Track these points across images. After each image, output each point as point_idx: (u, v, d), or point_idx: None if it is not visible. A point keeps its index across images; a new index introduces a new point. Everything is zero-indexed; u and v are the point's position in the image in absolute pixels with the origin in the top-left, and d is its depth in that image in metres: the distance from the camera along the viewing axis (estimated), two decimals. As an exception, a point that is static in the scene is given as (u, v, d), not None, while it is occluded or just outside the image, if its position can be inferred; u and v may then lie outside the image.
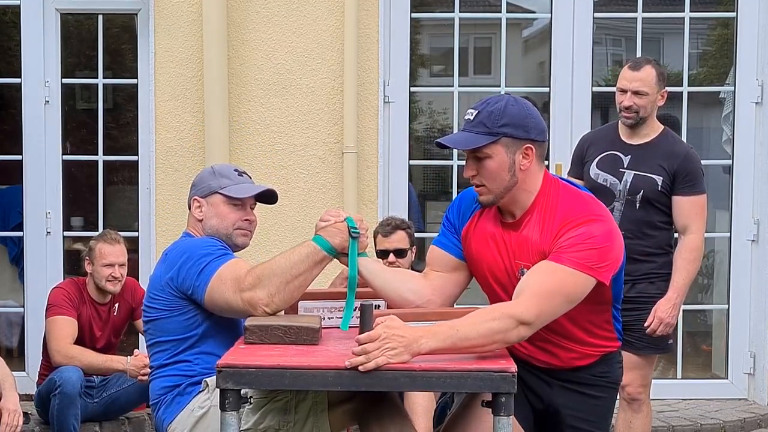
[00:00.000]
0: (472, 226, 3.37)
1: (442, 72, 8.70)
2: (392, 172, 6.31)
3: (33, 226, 6.33)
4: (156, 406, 3.58)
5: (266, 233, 6.12)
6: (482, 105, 3.20)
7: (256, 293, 3.28)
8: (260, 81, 6.15)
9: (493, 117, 3.16)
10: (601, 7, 6.53)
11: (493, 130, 3.15)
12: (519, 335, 3.01)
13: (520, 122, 3.17)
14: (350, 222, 3.41)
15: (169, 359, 3.54)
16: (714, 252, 6.90)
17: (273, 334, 3.13)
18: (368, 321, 2.93)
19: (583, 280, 3.10)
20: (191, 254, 3.49)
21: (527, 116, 3.18)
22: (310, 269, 3.34)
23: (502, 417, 2.84)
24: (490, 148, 3.17)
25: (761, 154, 6.30)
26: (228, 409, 2.87)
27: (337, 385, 2.87)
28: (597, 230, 3.14)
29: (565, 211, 3.20)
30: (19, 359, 6.59)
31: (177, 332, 3.51)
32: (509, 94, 3.28)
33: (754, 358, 6.38)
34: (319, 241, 3.38)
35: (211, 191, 3.69)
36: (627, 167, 4.77)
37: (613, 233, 3.20)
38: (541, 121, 3.24)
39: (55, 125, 6.30)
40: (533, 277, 3.10)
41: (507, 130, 3.16)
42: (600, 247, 3.13)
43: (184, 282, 3.46)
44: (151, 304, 3.58)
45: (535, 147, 3.20)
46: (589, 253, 3.10)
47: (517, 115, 3.17)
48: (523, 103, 3.22)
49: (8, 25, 7.19)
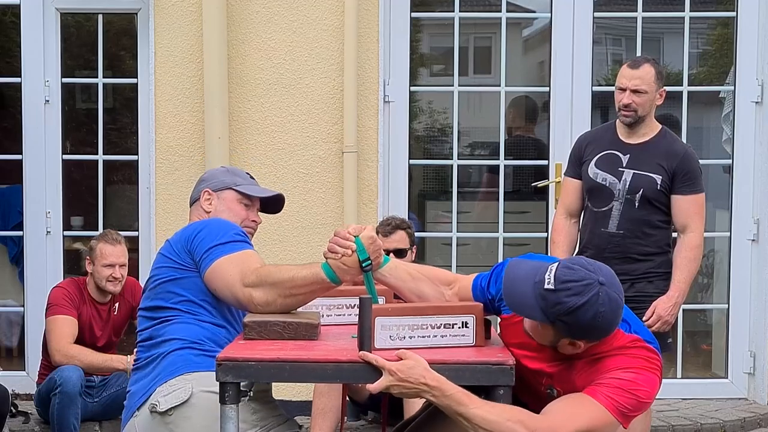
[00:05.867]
0: (513, 320, 3.10)
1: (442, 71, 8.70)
2: (392, 171, 6.31)
3: (33, 225, 6.33)
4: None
5: (266, 233, 6.12)
6: (563, 286, 2.82)
7: (255, 292, 3.26)
8: (260, 81, 6.16)
9: (559, 309, 2.82)
10: (601, 7, 6.52)
11: (550, 317, 2.85)
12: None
13: (580, 330, 2.86)
14: (361, 253, 3.16)
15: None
16: (714, 252, 6.90)
17: (272, 330, 3.14)
18: (367, 315, 2.93)
19: (611, 423, 2.90)
20: (214, 227, 3.47)
21: (593, 327, 2.84)
22: (313, 293, 3.28)
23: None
24: (541, 323, 2.92)
25: (761, 153, 6.30)
26: (228, 403, 2.88)
27: (336, 378, 2.88)
28: (644, 382, 2.92)
29: (619, 358, 2.95)
30: (19, 359, 6.60)
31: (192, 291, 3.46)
32: (601, 288, 2.81)
33: (754, 357, 6.38)
34: (328, 273, 3.22)
35: (225, 186, 3.71)
36: (626, 166, 4.78)
37: (656, 388, 2.97)
38: (611, 329, 2.90)
39: (55, 125, 6.30)
40: (561, 403, 2.92)
41: (562, 326, 2.86)
42: (641, 401, 2.93)
43: (197, 247, 3.42)
44: (163, 261, 3.52)
45: (585, 343, 2.92)
46: (628, 400, 2.90)
47: (583, 323, 2.82)
48: (600, 312, 2.82)
49: (8, 25, 7.19)
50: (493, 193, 6.71)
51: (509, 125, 7.00)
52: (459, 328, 3.05)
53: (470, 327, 3.07)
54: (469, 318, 3.06)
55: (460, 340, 3.07)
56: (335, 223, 6.06)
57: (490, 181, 7.17)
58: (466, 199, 7.34)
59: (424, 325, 3.01)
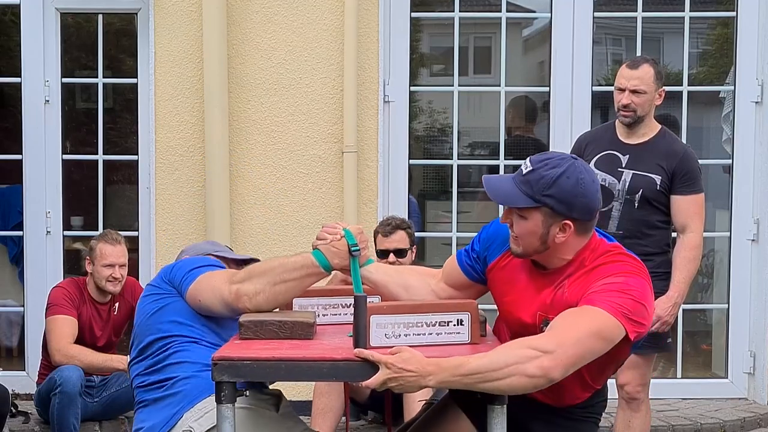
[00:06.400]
0: (499, 263, 3.23)
1: (442, 71, 8.70)
2: (392, 171, 6.31)
3: (33, 225, 6.33)
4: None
5: (266, 233, 6.13)
6: (539, 163, 3.01)
7: (243, 285, 3.27)
8: (260, 81, 6.16)
9: (542, 183, 2.98)
10: (601, 7, 6.53)
11: (536, 196, 2.99)
12: (541, 367, 2.81)
13: (567, 198, 2.98)
14: (349, 238, 3.28)
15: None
16: (714, 251, 6.90)
17: (267, 329, 3.14)
18: (362, 314, 2.93)
19: (615, 325, 2.89)
20: (192, 258, 3.58)
21: (578, 194, 2.99)
22: (302, 279, 3.30)
23: (496, 406, 2.85)
24: (528, 212, 3.02)
25: (761, 153, 6.30)
26: (224, 402, 2.88)
27: (332, 376, 2.88)
28: (635, 284, 2.97)
29: (605, 268, 3.02)
30: (19, 359, 6.61)
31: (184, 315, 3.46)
32: (574, 161, 3.04)
33: (754, 357, 6.38)
34: (318, 257, 3.30)
35: (205, 253, 3.77)
36: (626, 167, 4.77)
37: (649, 294, 3.01)
38: (594, 202, 3.05)
39: (55, 125, 6.30)
40: (559, 318, 2.95)
41: (549, 201, 2.99)
42: (636, 300, 2.94)
43: (176, 274, 3.46)
44: (145, 300, 3.57)
45: (575, 224, 3.02)
46: (624, 300, 2.92)
47: (568, 190, 2.98)
48: (580, 177, 3.00)
49: (8, 25, 7.19)
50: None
51: (509, 125, 6.99)
52: (454, 325, 3.06)
53: (465, 324, 3.08)
54: (464, 316, 3.07)
55: (455, 337, 3.07)
56: (335, 224, 6.06)
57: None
58: (466, 199, 7.33)
59: (419, 323, 3.01)
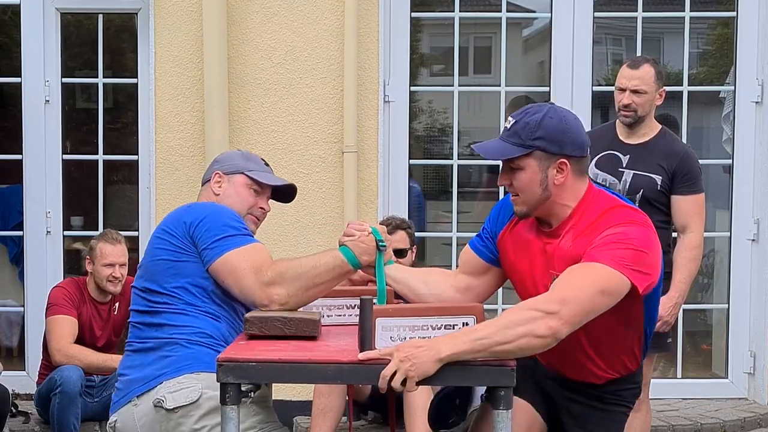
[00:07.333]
0: (507, 231, 3.28)
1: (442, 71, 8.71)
2: (392, 171, 6.31)
3: (33, 225, 6.33)
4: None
5: (266, 232, 6.06)
6: (520, 114, 3.10)
7: (276, 290, 3.24)
8: (260, 81, 6.16)
9: (528, 129, 3.05)
10: (601, 7, 6.53)
11: (526, 142, 3.05)
12: (548, 327, 2.83)
13: (556, 136, 3.05)
14: (376, 234, 3.32)
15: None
16: (714, 251, 6.91)
17: (273, 325, 3.14)
18: (367, 316, 2.93)
19: (617, 278, 2.93)
20: (219, 215, 3.43)
21: (564, 130, 3.07)
22: (333, 280, 3.31)
23: (501, 410, 2.84)
24: (522, 161, 3.07)
25: (761, 153, 6.31)
26: (229, 403, 2.87)
27: (337, 379, 2.87)
28: (635, 233, 3.00)
29: (605, 219, 3.06)
30: (19, 359, 6.61)
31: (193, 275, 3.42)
32: (552, 105, 3.17)
33: (754, 357, 6.38)
34: (347, 254, 3.30)
35: (237, 170, 3.65)
36: (626, 167, 4.78)
37: (652, 240, 3.04)
38: (581, 136, 3.12)
39: (55, 125, 6.30)
40: (562, 276, 2.98)
41: (540, 143, 3.05)
42: (637, 249, 2.97)
43: (201, 235, 3.37)
44: (160, 242, 3.47)
45: (570, 162, 3.08)
46: (624, 252, 2.95)
47: (554, 128, 3.06)
48: (562, 115, 3.09)
49: (8, 25, 7.20)
50: (493, 193, 6.72)
51: (509, 125, 6.98)
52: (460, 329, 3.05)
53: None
54: (470, 319, 3.05)
55: (461, 340, 3.06)
56: (335, 223, 6.07)
57: (490, 181, 7.17)
58: (466, 199, 7.34)
59: (424, 326, 3.00)
